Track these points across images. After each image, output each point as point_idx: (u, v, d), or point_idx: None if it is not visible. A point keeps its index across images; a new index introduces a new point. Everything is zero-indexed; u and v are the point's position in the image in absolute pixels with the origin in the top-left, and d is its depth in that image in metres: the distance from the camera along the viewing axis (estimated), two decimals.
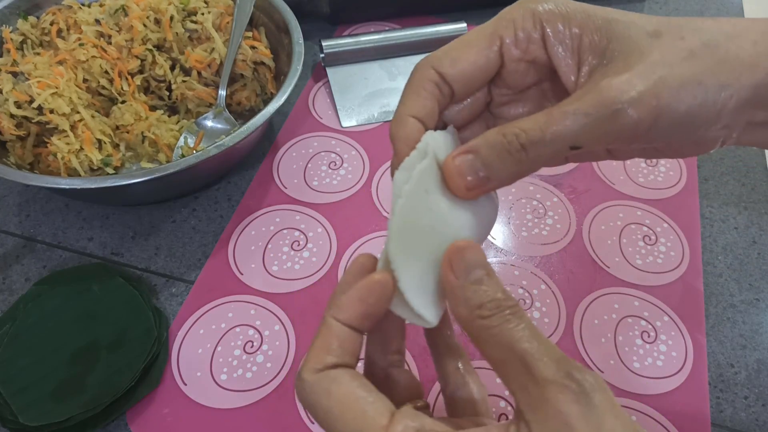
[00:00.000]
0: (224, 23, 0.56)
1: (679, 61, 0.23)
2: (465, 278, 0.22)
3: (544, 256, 0.49)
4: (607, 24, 0.24)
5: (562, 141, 0.22)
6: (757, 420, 0.41)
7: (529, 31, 0.25)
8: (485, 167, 0.23)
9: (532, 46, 0.25)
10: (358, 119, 0.60)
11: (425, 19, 0.71)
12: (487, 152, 0.23)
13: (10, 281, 0.48)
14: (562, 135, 0.22)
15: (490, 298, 0.21)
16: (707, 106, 0.23)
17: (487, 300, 0.21)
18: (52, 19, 0.55)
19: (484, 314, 0.21)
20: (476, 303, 0.22)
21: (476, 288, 0.22)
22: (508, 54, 0.26)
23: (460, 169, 0.23)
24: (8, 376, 0.40)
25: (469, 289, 0.22)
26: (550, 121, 0.22)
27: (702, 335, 0.45)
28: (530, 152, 0.23)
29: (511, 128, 0.23)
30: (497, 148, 0.23)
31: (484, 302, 0.21)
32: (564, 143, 0.22)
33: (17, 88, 0.49)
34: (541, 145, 0.22)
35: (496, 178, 0.23)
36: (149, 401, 0.41)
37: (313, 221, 0.51)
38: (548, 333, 0.45)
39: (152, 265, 0.49)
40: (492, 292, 0.22)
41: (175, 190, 0.52)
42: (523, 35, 0.25)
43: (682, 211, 0.53)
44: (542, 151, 0.23)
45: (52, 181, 0.43)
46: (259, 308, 0.46)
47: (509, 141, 0.23)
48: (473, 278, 0.22)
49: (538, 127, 0.22)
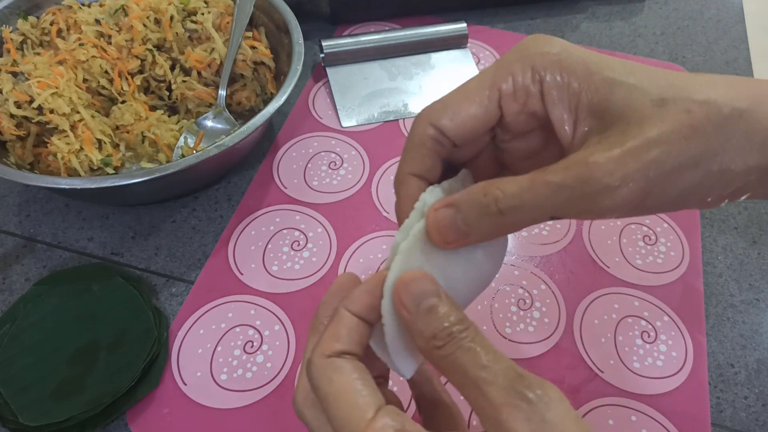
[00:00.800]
0: (224, 23, 0.56)
1: (679, 140, 0.21)
2: (416, 309, 0.22)
3: (544, 256, 0.49)
4: (608, 86, 0.23)
5: (541, 211, 0.22)
6: (757, 420, 0.41)
7: (527, 85, 0.24)
8: (464, 223, 0.23)
9: (530, 100, 0.25)
10: (358, 119, 0.60)
11: (425, 19, 0.71)
12: (467, 209, 0.23)
13: (10, 281, 0.48)
14: (542, 205, 0.22)
15: (440, 327, 0.22)
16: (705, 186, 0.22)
17: (438, 329, 0.22)
18: (52, 19, 0.55)
19: (437, 344, 0.22)
20: (429, 334, 0.22)
21: (426, 318, 0.22)
22: (507, 107, 0.25)
23: (439, 223, 0.24)
24: (8, 376, 0.40)
25: (420, 320, 0.22)
26: (532, 190, 0.22)
27: (702, 335, 0.45)
28: (508, 217, 0.22)
29: (492, 189, 0.23)
30: (477, 206, 0.23)
31: (436, 332, 0.22)
32: (543, 213, 0.22)
33: (17, 88, 0.49)
34: (520, 212, 0.22)
35: (474, 235, 0.23)
36: (149, 401, 0.41)
37: (313, 221, 0.51)
38: (548, 333, 0.45)
39: (152, 265, 0.49)
40: (442, 320, 0.22)
41: (175, 190, 0.52)
42: (521, 90, 0.25)
43: (682, 211, 0.53)
44: (520, 217, 0.22)
45: (52, 181, 0.43)
46: (259, 308, 0.46)
47: (488, 203, 0.23)
48: (423, 308, 0.22)
49: (519, 194, 0.22)
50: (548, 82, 0.24)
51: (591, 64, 0.23)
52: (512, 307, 0.46)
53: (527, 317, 0.45)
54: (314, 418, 0.25)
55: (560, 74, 0.24)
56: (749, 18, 0.75)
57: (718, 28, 0.73)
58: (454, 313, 0.22)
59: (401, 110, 0.61)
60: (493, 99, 0.25)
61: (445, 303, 0.23)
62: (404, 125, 0.60)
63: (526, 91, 0.25)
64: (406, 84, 0.63)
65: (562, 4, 0.76)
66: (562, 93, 0.24)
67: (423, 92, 0.63)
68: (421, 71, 0.65)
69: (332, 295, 0.27)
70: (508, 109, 0.25)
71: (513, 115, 0.25)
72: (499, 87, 0.25)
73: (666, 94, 0.22)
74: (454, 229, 0.23)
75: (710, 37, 0.72)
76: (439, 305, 0.22)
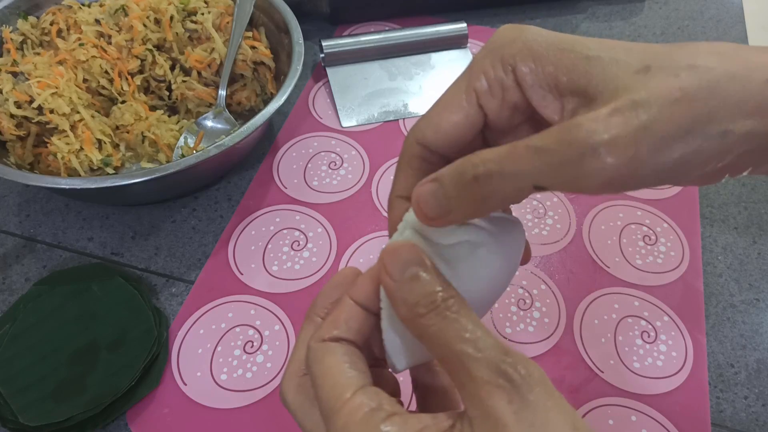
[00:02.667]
0: (224, 23, 0.56)
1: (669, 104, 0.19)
2: (400, 277, 0.22)
3: (544, 256, 0.49)
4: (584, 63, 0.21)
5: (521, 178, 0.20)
6: (757, 420, 0.41)
7: (501, 78, 0.23)
8: (446, 198, 0.22)
9: (508, 92, 0.24)
10: (358, 119, 0.60)
11: (425, 19, 0.71)
12: (446, 181, 0.22)
13: (10, 281, 0.48)
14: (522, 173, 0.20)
15: (425, 293, 0.21)
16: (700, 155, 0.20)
17: (422, 297, 0.21)
18: (52, 19, 0.55)
19: (420, 312, 0.21)
20: (412, 301, 0.22)
21: (411, 285, 0.22)
22: (488, 105, 0.24)
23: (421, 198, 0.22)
24: (8, 376, 0.40)
25: (404, 287, 0.22)
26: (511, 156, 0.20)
27: (702, 335, 0.45)
28: (485, 186, 0.21)
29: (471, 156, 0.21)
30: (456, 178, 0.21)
31: (418, 299, 0.21)
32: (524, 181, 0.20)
33: (17, 88, 0.49)
34: (498, 180, 0.20)
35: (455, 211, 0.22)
36: (149, 401, 0.41)
37: (313, 221, 0.51)
38: (548, 333, 0.45)
39: (152, 265, 0.49)
40: (428, 288, 0.22)
41: (175, 190, 0.52)
42: (496, 84, 0.24)
43: (682, 211, 0.53)
44: (500, 187, 0.20)
45: (52, 181, 0.43)
46: (259, 308, 0.46)
47: (464, 171, 0.21)
48: (408, 275, 0.22)
49: (498, 160, 0.20)
50: (521, 70, 0.23)
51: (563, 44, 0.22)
52: (512, 307, 0.46)
53: (527, 317, 0.45)
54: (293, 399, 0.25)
55: (532, 60, 0.23)
56: (749, 18, 0.75)
57: (718, 28, 0.73)
58: (438, 282, 0.22)
59: (401, 110, 0.61)
60: (472, 101, 0.24)
61: (431, 271, 0.22)
62: (404, 125, 0.60)
63: (500, 84, 0.24)
64: (406, 84, 0.63)
65: (562, 4, 0.76)
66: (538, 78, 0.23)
67: (423, 92, 0.63)
68: (421, 71, 0.65)
69: (333, 287, 0.26)
70: (488, 107, 0.24)
71: (495, 112, 0.24)
72: (474, 88, 0.24)
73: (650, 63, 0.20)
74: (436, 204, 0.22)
75: (710, 37, 0.72)
76: (424, 273, 0.22)
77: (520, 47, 0.23)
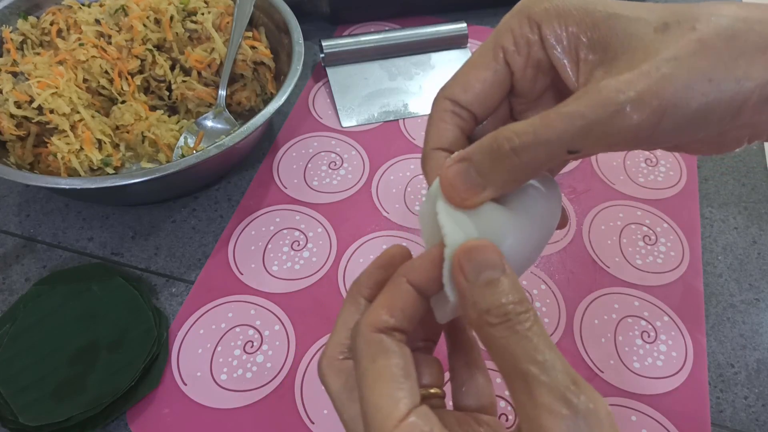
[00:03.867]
0: (224, 23, 0.56)
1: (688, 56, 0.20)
2: (475, 279, 0.21)
3: (544, 256, 0.49)
4: (607, 19, 0.22)
5: (557, 145, 0.21)
6: (757, 420, 0.41)
7: (527, 35, 0.24)
8: (479, 175, 0.22)
9: (533, 49, 0.25)
10: (358, 119, 0.60)
11: (425, 19, 0.71)
12: (479, 159, 0.22)
13: (10, 281, 0.48)
14: (557, 138, 0.21)
15: (497, 303, 0.20)
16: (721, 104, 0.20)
17: (494, 305, 0.20)
18: (52, 19, 0.55)
19: (491, 321, 0.20)
20: (484, 307, 0.21)
21: (484, 291, 0.21)
22: (513, 63, 0.25)
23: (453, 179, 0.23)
24: (8, 376, 0.40)
25: (477, 292, 0.21)
26: (544, 124, 0.21)
27: (702, 335, 0.45)
28: (522, 157, 0.21)
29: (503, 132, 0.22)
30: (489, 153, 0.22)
31: (491, 307, 0.20)
32: (560, 147, 0.21)
33: (17, 88, 0.49)
34: (534, 149, 0.21)
35: (491, 186, 0.22)
36: (149, 401, 0.41)
37: (313, 221, 0.51)
38: (548, 333, 0.45)
39: (152, 265, 0.49)
40: (503, 297, 0.21)
41: (175, 190, 0.52)
42: (522, 41, 0.25)
43: (682, 211, 0.53)
44: (536, 156, 0.21)
45: (52, 181, 0.43)
46: (259, 308, 0.46)
47: (500, 145, 0.22)
48: (483, 280, 0.21)
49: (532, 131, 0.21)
50: (545, 28, 0.24)
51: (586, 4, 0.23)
52: None
53: None
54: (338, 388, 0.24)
55: (557, 19, 0.24)
56: None
57: None
58: (515, 292, 0.21)
59: (401, 110, 0.61)
60: (499, 58, 0.25)
61: (509, 279, 0.21)
62: (404, 125, 0.60)
63: (526, 41, 0.25)
64: (406, 84, 0.63)
65: None
66: (561, 36, 0.24)
67: (423, 92, 0.63)
68: (421, 71, 0.65)
69: (378, 266, 0.25)
70: (514, 64, 0.25)
71: (521, 69, 0.25)
72: (501, 45, 0.25)
73: (668, 19, 0.21)
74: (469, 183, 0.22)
75: None
76: (502, 280, 0.21)
77: (546, 6, 0.24)
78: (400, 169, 0.56)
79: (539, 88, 0.26)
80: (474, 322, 0.21)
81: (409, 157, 0.57)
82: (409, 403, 0.21)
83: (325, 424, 0.40)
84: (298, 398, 0.41)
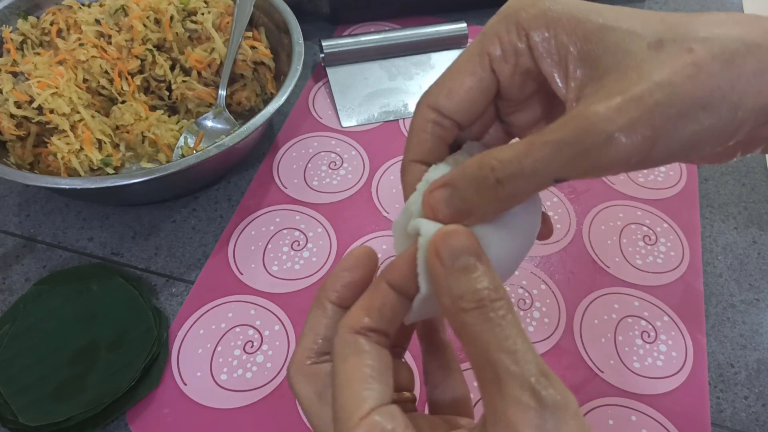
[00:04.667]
0: (224, 23, 0.56)
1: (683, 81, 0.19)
2: (451, 263, 0.20)
3: (544, 256, 0.49)
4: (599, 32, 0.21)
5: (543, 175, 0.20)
6: (757, 420, 0.41)
7: (515, 43, 0.23)
8: (462, 201, 0.21)
9: (521, 58, 0.23)
10: (358, 119, 0.60)
11: (425, 19, 0.71)
12: (464, 186, 0.21)
13: (10, 281, 0.48)
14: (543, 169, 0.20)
15: (473, 288, 0.20)
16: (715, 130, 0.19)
17: (469, 291, 0.20)
18: (52, 19, 0.55)
19: (465, 307, 0.20)
20: (457, 293, 0.20)
21: (459, 276, 0.20)
22: (500, 70, 0.24)
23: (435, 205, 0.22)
24: (8, 376, 0.40)
25: (452, 277, 0.20)
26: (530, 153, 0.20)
27: (702, 335, 0.45)
28: (507, 188, 0.20)
29: (488, 159, 0.21)
30: (474, 182, 0.21)
31: (465, 293, 0.20)
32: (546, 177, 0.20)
33: (17, 88, 0.49)
34: (520, 179, 0.20)
35: (475, 213, 0.22)
36: (149, 401, 0.41)
37: (313, 221, 0.51)
38: (548, 333, 0.45)
39: (152, 265, 0.49)
40: (477, 283, 0.20)
41: (175, 190, 0.52)
42: (510, 48, 0.23)
43: (682, 211, 0.53)
44: (521, 185, 0.20)
45: (52, 181, 0.43)
46: (259, 308, 0.46)
47: (484, 175, 0.21)
48: (459, 265, 0.20)
49: (517, 160, 0.20)
50: (534, 36, 0.23)
51: (578, 12, 0.22)
52: None
53: (527, 317, 0.45)
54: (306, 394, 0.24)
55: (546, 27, 0.22)
56: None
57: None
58: (490, 279, 0.20)
59: (401, 110, 0.61)
60: (485, 65, 0.24)
61: (485, 265, 0.21)
62: (404, 125, 0.60)
63: (514, 49, 0.23)
64: (406, 84, 0.63)
65: None
66: (550, 46, 0.22)
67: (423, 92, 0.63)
68: (421, 71, 0.65)
69: (344, 268, 0.25)
70: (501, 72, 0.24)
71: (508, 77, 0.24)
72: (487, 51, 0.24)
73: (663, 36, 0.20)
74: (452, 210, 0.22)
75: None
76: (477, 266, 0.20)
77: (535, 13, 0.23)
78: None
79: (527, 93, 0.25)
80: (448, 308, 0.21)
81: None
82: (374, 402, 0.21)
83: None
84: None
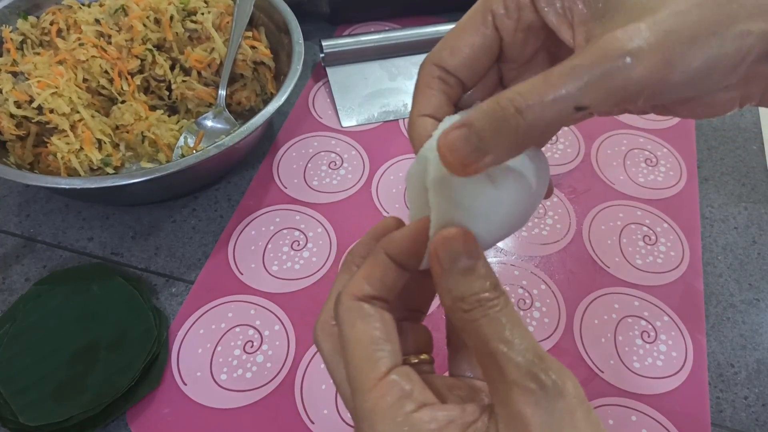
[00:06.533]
0: (224, 23, 0.56)
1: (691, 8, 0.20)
2: (450, 267, 0.21)
3: (544, 256, 0.49)
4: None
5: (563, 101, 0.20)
6: (757, 420, 0.41)
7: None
8: (480, 140, 0.21)
9: (523, 12, 0.24)
10: (358, 119, 0.60)
11: (425, 19, 0.71)
12: (481, 123, 0.21)
13: (10, 281, 0.48)
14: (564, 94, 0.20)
15: (471, 291, 0.21)
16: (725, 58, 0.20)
17: (468, 293, 0.21)
18: (52, 19, 0.55)
19: (464, 308, 0.21)
20: (458, 294, 0.21)
21: (458, 279, 0.21)
22: (503, 26, 0.24)
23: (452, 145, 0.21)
24: (8, 376, 0.40)
25: (451, 279, 0.21)
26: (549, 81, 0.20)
27: (702, 335, 0.45)
28: (527, 116, 0.20)
29: (506, 93, 0.20)
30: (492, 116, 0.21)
31: (465, 295, 0.21)
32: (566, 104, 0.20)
33: (17, 88, 0.49)
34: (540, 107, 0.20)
35: (493, 151, 0.21)
36: (149, 401, 0.41)
37: (313, 221, 0.51)
38: (548, 333, 0.45)
39: (152, 265, 0.49)
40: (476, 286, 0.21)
41: (175, 190, 0.52)
42: (512, 3, 0.24)
43: (682, 211, 0.53)
44: (542, 114, 0.20)
45: (52, 181, 0.43)
46: (259, 308, 0.46)
47: (504, 107, 0.20)
48: (458, 268, 0.21)
49: (536, 89, 0.20)
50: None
51: None
52: None
53: (527, 317, 0.45)
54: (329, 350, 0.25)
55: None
56: None
57: None
58: (489, 279, 0.21)
59: (401, 110, 0.61)
60: (488, 22, 0.25)
61: (483, 267, 0.22)
62: (404, 125, 0.60)
63: (516, 4, 0.24)
64: (406, 84, 0.63)
65: None
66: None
67: None
68: None
69: (372, 236, 0.26)
70: (504, 28, 0.25)
71: (511, 34, 0.25)
72: (490, 8, 0.25)
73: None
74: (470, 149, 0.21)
75: None
76: (476, 269, 0.21)
77: None
78: (400, 168, 0.56)
79: (530, 52, 0.26)
80: (448, 307, 0.22)
81: (409, 157, 0.57)
82: (389, 363, 0.22)
83: (325, 424, 0.40)
84: (298, 398, 0.41)
